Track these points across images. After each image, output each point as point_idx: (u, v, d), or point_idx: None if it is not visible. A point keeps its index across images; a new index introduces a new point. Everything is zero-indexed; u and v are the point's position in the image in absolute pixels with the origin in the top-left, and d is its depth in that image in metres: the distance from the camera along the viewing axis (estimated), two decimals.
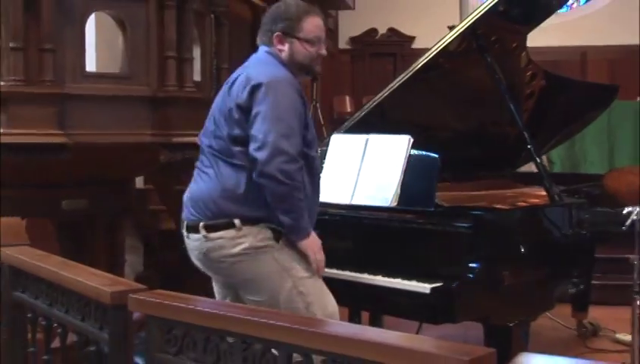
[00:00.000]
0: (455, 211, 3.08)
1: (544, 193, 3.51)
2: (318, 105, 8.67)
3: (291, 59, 2.73)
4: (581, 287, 3.55)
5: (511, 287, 2.98)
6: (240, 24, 5.64)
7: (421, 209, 3.08)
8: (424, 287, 2.82)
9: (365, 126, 3.60)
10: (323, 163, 3.30)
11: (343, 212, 3.25)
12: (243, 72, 2.71)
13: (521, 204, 3.68)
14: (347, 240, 3.25)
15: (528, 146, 3.57)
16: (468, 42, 3.66)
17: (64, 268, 2.53)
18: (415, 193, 3.11)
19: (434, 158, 3.13)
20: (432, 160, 3.13)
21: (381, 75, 10.78)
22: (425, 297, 2.81)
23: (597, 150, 6.49)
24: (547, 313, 3.94)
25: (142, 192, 5.38)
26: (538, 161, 3.58)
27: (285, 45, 2.72)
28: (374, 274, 3.00)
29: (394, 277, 2.94)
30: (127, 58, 3.73)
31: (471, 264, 2.85)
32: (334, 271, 3.03)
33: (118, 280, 2.35)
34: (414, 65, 3.65)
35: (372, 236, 3.20)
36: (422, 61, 3.62)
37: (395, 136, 3.23)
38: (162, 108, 3.75)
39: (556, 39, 9.75)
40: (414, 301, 2.87)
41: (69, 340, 2.56)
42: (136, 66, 3.72)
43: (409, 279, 2.90)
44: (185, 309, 1.96)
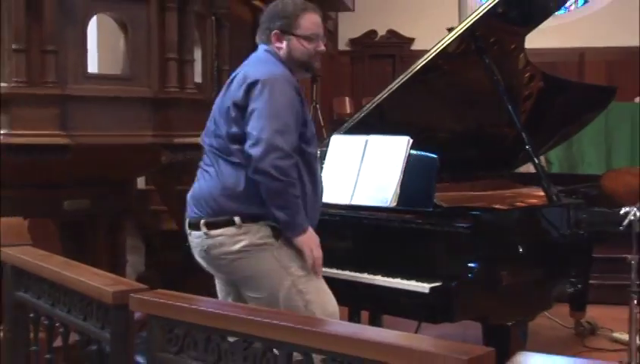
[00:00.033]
0: (454, 212, 3.08)
1: (542, 194, 3.51)
2: (318, 106, 8.67)
3: (289, 56, 2.72)
4: (579, 286, 3.55)
5: (509, 287, 2.98)
6: (241, 26, 5.65)
7: (420, 209, 3.08)
8: (423, 287, 2.82)
9: (364, 127, 3.60)
10: (323, 163, 3.30)
11: (342, 212, 3.25)
12: (240, 70, 2.72)
13: (519, 204, 3.68)
14: (347, 240, 3.25)
15: (527, 147, 3.58)
16: (467, 44, 3.66)
17: (66, 268, 2.52)
18: (414, 194, 3.11)
19: (433, 158, 3.13)
20: (431, 160, 3.13)
21: (380, 76, 10.79)
22: (424, 297, 2.81)
23: (594, 151, 6.49)
24: (545, 312, 3.94)
25: (143, 193, 5.38)
26: (536, 161, 3.59)
27: (283, 43, 2.72)
28: (373, 273, 3.00)
29: (394, 276, 2.94)
30: (129, 60, 3.73)
31: (469, 264, 2.85)
32: (334, 270, 3.03)
33: (120, 280, 2.35)
34: (413, 67, 3.65)
35: (372, 237, 3.20)
36: (421, 62, 3.62)
37: (394, 137, 3.23)
38: (163, 110, 3.75)
39: (554, 40, 9.76)
40: (413, 300, 2.87)
41: (71, 340, 2.56)
42: (137, 67, 3.72)
43: (408, 279, 2.90)
44: (186, 309, 1.96)
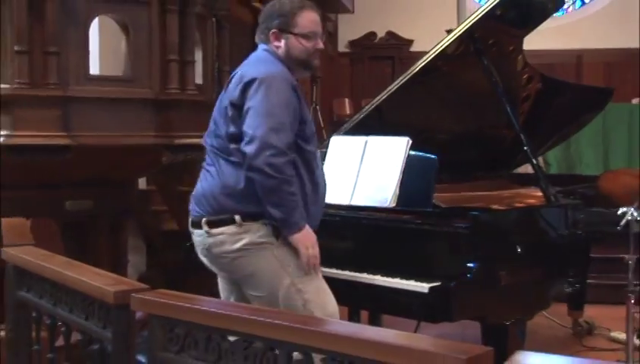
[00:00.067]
0: (453, 212, 3.07)
1: (541, 194, 3.51)
2: (318, 107, 8.68)
3: (288, 55, 2.71)
4: (576, 286, 3.55)
5: (508, 287, 2.98)
6: (241, 27, 5.65)
7: (419, 210, 3.08)
8: (422, 287, 2.82)
9: (364, 128, 3.60)
10: (323, 164, 3.30)
11: (342, 213, 3.24)
12: (239, 70, 2.72)
13: (518, 205, 3.68)
14: (347, 240, 3.25)
15: (525, 148, 3.58)
16: (465, 46, 3.66)
17: (68, 267, 2.52)
18: (413, 194, 3.11)
19: (432, 159, 3.13)
20: (430, 161, 3.13)
21: (379, 78, 10.79)
22: (424, 296, 2.80)
23: (592, 152, 6.49)
24: (543, 312, 3.95)
25: (144, 193, 5.38)
26: (535, 162, 3.59)
27: (281, 42, 2.71)
28: (373, 273, 3.00)
29: (393, 276, 2.94)
30: (130, 61, 3.73)
31: (468, 264, 2.85)
32: (333, 270, 3.03)
33: (121, 280, 2.35)
34: (412, 68, 3.65)
35: (371, 237, 3.20)
36: (420, 64, 3.62)
37: (394, 138, 3.23)
38: (165, 111, 3.75)
39: (552, 42, 9.76)
40: (412, 300, 2.86)
41: (73, 339, 2.56)
42: (138, 69, 3.72)
43: (407, 279, 2.90)
44: (187, 309, 1.96)
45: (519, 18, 3.84)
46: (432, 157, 3.13)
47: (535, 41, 4.33)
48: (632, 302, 3.67)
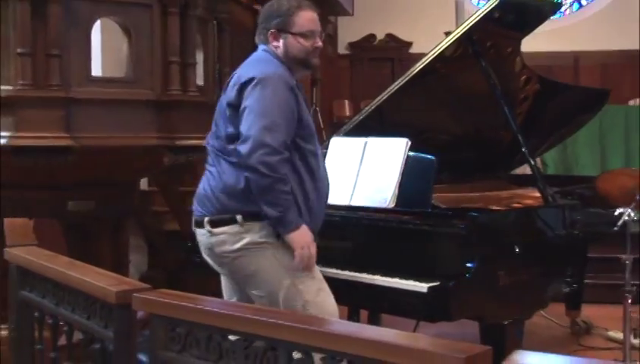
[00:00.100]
0: (451, 212, 3.07)
1: (538, 195, 3.51)
2: (318, 108, 8.67)
3: (287, 55, 2.70)
4: (574, 286, 3.55)
5: (506, 287, 2.97)
6: (242, 30, 5.64)
7: (418, 210, 3.08)
8: (421, 287, 2.81)
9: (363, 129, 3.60)
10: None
11: (342, 213, 3.24)
12: (237, 71, 2.72)
13: (516, 205, 3.68)
14: (347, 241, 3.24)
15: (523, 149, 3.57)
16: (464, 48, 3.66)
17: (71, 268, 2.52)
18: (412, 195, 3.11)
19: (431, 160, 3.13)
20: (429, 162, 3.13)
21: (379, 79, 10.76)
22: (422, 296, 2.80)
23: (589, 153, 6.49)
24: (541, 311, 3.95)
25: (146, 194, 5.38)
26: (532, 163, 3.59)
27: (280, 42, 2.70)
28: (372, 273, 3.00)
29: (392, 276, 2.94)
30: (132, 63, 3.73)
31: (467, 264, 2.85)
32: (333, 270, 3.03)
33: (123, 280, 2.35)
34: (411, 70, 3.65)
35: (371, 237, 3.20)
36: (419, 65, 3.62)
37: (393, 139, 3.23)
38: (166, 112, 3.75)
39: (549, 44, 9.74)
40: (411, 300, 2.86)
41: (75, 338, 2.56)
42: (140, 71, 3.72)
43: (406, 278, 2.89)
44: (188, 308, 1.95)
45: (516, 21, 3.84)
46: (431, 158, 3.13)
47: (533, 43, 4.33)
48: (629, 301, 3.67)
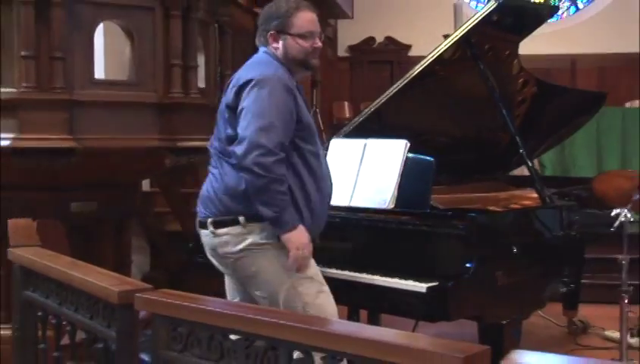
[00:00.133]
0: (450, 213, 3.07)
1: (536, 196, 3.51)
2: (318, 110, 8.68)
3: (286, 56, 2.69)
4: (571, 286, 3.55)
5: (504, 287, 2.97)
6: (242, 32, 5.65)
7: (417, 211, 3.08)
8: (420, 287, 2.81)
9: (363, 131, 3.59)
10: None
11: (342, 214, 3.24)
12: (236, 74, 2.71)
13: (513, 206, 3.67)
14: (346, 241, 3.24)
15: (521, 150, 3.57)
16: (462, 51, 3.66)
17: (74, 268, 2.52)
18: (411, 196, 3.11)
19: (430, 161, 3.12)
20: (428, 163, 3.12)
21: (378, 82, 10.76)
22: (422, 296, 2.80)
23: (586, 154, 6.48)
24: (538, 311, 3.94)
25: (148, 195, 5.38)
26: (530, 164, 3.58)
27: (279, 43, 2.69)
28: (372, 273, 2.99)
29: (392, 276, 2.93)
30: (135, 66, 3.74)
31: (465, 264, 2.84)
32: (333, 271, 3.03)
33: (125, 280, 2.35)
34: (410, 72, 3.64)
35: (370, 238, 3.20)
36: (418, 68, 3.61)
37: (392, 141, 3.22)
38: (168, 114, 3.75)
39: (547, 47, 9.74)
40: (411, 300, 2.86)
41: (78, 338, 2.56)
42: (143, 73, 3.72)
43: (405, 279, 2.89)
44: (190, 308, 1.95)
45: (514, 24, 3.84)
46: (430, 159, 3.13)
47: (530, 46, 4.33)
48: (626, 301, 3.67)
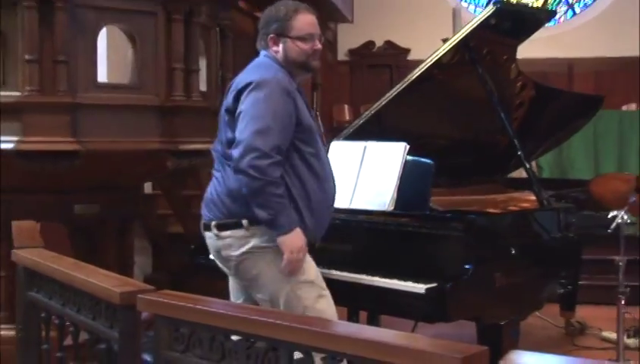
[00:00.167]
0: (449, 215, 3.07)
1: (534, 198, 3.51)
2: (318, 113, 8.67)
3: (286, 58, 2.68)
4: (568, 287, 3.55)
5: (503, 288, 2.97)
6: (244, 37, 5.65)
7: (416, 213, 3.08)
8: (419, 288, 2.81)
9: (363, 133, 3.59)
10: None
11: (342, 216, 3.23)
12: (237, 77, 2.70)
13: (512, 208, 3.67)
14: (346, 243, 3.23)
15: (519, 153, 3.57)
16: (461, 55, 3.66)
17: (77, 269, 2.52)
18: (410, 198, 3.11)
19: (429, 164, 3.12)
20: (427, 166, 3.12)
21: (378, 85, 10.74)
22: (421, 297, 2.80)
23: (583, 157, 6.47)
24: (536, 312, 3.93)
25: (150, 197, 5.38)
26: (528, 167, 3.58)
27: (279, 46, 2.68)
28: (372, 275, 2.99)
29: (391, 278, 2.93)
30: (137, 70, 3.74)
31: (464, 265, 2.84)
32: (333, 272, 3.03)
33: (128, 281, 2.34)
34: (409, 76, 3.64)
35: (370, 239, 3.19)
36: (417, 72, 3.62)
37: (392, 144, 3.22)
38: (170, 117, 3.75)
39: (544, 51, 9.74)
40: (410, 301, 2.85)
41: (81, 338, 2.55)
42: (145, 77, 3.72)
43: (405, 280, 2.88)
44: (191, 309, 1.95)
45: (512, 28, 3.84)
46: (429, 162, 3.13)
47: (528, 50, 4.33)
48: (623, 302, 3.67)
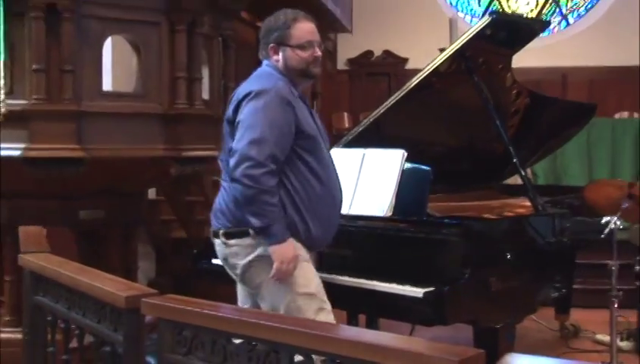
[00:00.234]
0: (446, 221, 3.07)
1: (529, 204, 3.51)
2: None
3: (287, 67, 2.66)
4: (563, 291, 3.54)
5: (498, 292, 2.97)
6: (246, 46, 5.66)
7: (414, 219, 3.08)
8: (417, 292, 2.80)
9: (361, 141, 3.59)
10: None
11: (341, 221, 3.23)
12: (238, 88, 2.70)
13: (507, 214, 3.67)
14: (345, 248, 3.23)
15: (514, 160, 3.57)
16: (457, 64, 3.66)
17: (82, 273, 2.52)
18: (408, 204, 3.11)
19: (427, 170, 3.12)
20: (425, 173, 3.13)
21: (376, 94, 10.77)
22: (418, 301, 2.79)
23: (577, 164, 6.47)
24: (531, 316, 3.93)
25: (154, 203, 5.38)
26: (523, 173, 3.58)
27: (279, 55, 2.66)
28: (370, 279, 2.99)
29: (389, 282, 2.92)
30: (141, 78, 3.75)
31: (461, 270, 2.84)
32: (333, 276, 3.02)
33: (132, 286, 2.34)
34: (407, 84, 3.64)
35: (369, 244, 3.19)
36: (415, 80, 3.62)
37: (390, 151, 3.22)
38: (173, 125, 3.76)
39: (539, 60, 9.75)
40: (408, 304, 2.85)
41: (86, 341, 2.55)
42: (149, 85, 3.73)
43: (403, 284, 2.88)
44: (194, 313, 1.95)
45: (507, 38, 3.84)
46: (426, 169, 3.13)
47: (523, 59, 4.33)
48: (616, 306, 3.67)
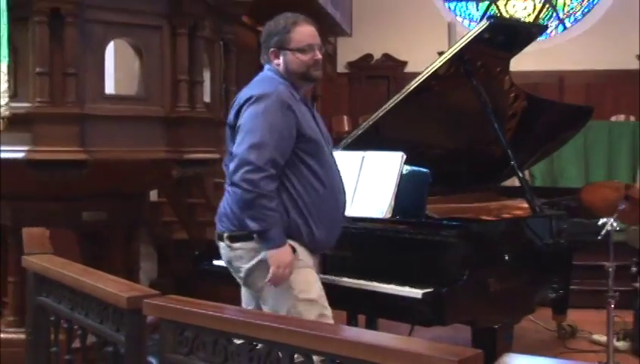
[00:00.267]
0: (445, 222, 3.07)
1: (527, 206, 3.51)
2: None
3: (287, 71, 2.64)
4: (560, 291, 3.53)
5: (496, 293, 2.97)
6: (247, 50, 5.67)
7: (413, 220, 3.08)
8: (416, 293, 2.80)
9: (361, 143, 3.59)
10: None
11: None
12: (240, 93, 2.69)
13: (505, 215, 3.67)
14: (345, 249, 3.22)
15: (512, 162, 3.57)
16: (456, 67, 3.66)
17: (85, 274, 2.52)
18: (407, 205, 3.11)
19: (425, 173, 3.13)
20: (423, 175, 3.13)
21: (376, 96, 10.80)
22: (417, 302, 2.79)
23: (574, 166, 6.48)
24: (529, 316, 3.93)
25: (156, 205, 5.38)
26: (521, 175, 3.58)
27: (280, 59, 2.65)
28: (370, 280, 2.98)
29: (389, 283, 2.92)
30: (143, 82, 3.75)
31: (459, 271, 2.84)
32: (332, 277, 3.02)
33: (134, 286, 2.34)
34: (406, 88, 3.64)
35: (368, 246, 3.19)
36: (414, 83, 3.61)
37: (389, 153, 3.22)
38: (175, 127, 3.76)
39: (536, 63, 9.77)
40: (407, 305, 2.85)
41: (88, 341, 2.55)
42: (151, 88, 3.73)
43: (402, 285, 2.88)
44: (195, 313, 1.95)
45: (505, 42, 3.84)
46: (425, 171, 3.13)
47: (521, 62, 4.34)
48: (612, 306, 3.67)
